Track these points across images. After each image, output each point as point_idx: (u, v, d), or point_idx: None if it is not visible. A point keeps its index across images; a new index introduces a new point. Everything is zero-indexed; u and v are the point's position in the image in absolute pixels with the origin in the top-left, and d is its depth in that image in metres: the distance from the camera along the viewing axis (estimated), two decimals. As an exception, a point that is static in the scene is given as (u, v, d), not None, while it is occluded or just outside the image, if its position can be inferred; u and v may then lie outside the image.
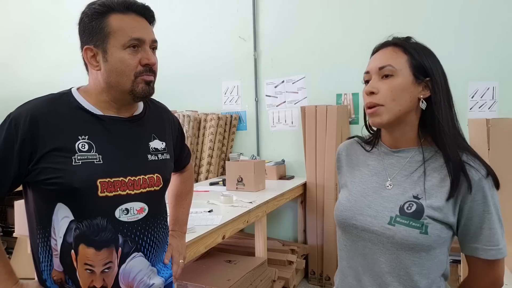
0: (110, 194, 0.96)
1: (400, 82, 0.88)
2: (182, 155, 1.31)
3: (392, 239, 0.88)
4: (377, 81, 0.91)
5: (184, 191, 1.39)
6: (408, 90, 0.89)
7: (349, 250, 0.98)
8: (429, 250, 0.87)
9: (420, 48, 0.92)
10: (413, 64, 0.89)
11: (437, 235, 0.86)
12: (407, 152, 0.95)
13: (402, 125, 0.93)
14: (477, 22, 2.96)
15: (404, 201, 0.90)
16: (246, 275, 2.53)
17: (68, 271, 0.97)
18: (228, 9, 3.92)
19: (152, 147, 1.09)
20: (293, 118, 3.70)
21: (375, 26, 3.23)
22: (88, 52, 0.99)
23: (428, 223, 0.86)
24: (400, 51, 0.90)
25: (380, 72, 0.90)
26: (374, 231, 0.91)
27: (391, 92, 0.88)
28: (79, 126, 0.97)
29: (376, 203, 0.93)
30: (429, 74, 0.89)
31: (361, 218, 0.94)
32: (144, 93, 1.00)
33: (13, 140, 0.91)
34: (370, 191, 0.96)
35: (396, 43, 0.92)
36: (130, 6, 0.98)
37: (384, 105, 0.89)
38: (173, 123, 1.24)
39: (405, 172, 0.93)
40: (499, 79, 2.92)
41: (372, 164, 1.00)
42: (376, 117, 0.91)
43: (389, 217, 0.89)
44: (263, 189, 3.03)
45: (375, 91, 0.90)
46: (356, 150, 1.07)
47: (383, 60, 0.91)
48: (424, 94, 0.90)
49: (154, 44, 1.02)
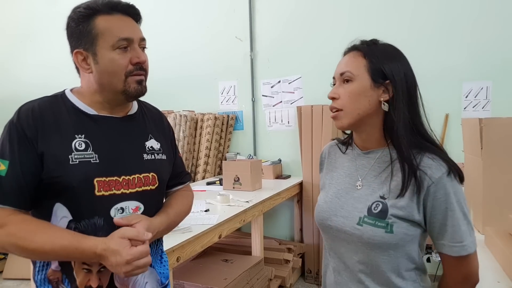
0: (106, 193, 0.96)
1: (357, 86, 0.91)
2: (176, 164, 1.23)
3: (361, 238, 0.91)
4: (338, 87, 0.95)
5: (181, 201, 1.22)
6: (367, 94, 0.91)
7: (330, 249, 1.03)
8: (396, 248, 0.89)
9: (381, 52, 0.93)
10: (371, 68, 0.91)
11: (403, 233, 0.88)
12: (376, 153, 0.97)
13: (366, 127, 0.96)
14: (470, 22, 2.99)
15: (372, 201, 0.92)
16: (243, 274, 2.54)
17: (65, 270, 0.98)
18: (224, 9, 3.93)
19: (148, 146, 1.08)
20: (290, 118, 3.72)
21: (370, 26, 3.25)
22: (79, 56, 0.99)
23: (393, 222, 0.88)
24: (359, 56, 0.94)
25: (341, 77, 0.95)
26: (346, 231, 0.94)
27: (349, 96, 0.92)
28: (75, 126, 0.97)
29: (348, 204, 0.97)
30: (388, 77, 0.91)
31: (335, 219, 0.97)
32: (137, 92, 1.01)
33: (26, 144, 0.92)
34: (343, 192, 1.00)
35: (357, 48, 0.96)
36: (115, 7, 0.98)
37: (343, 109, 0.93)
38: (169, 129, 1.23)
39: (374, 172, 0.96)
40: (493, 79, 2.96)
41: (347, 165, 1.03)
42: (337, 121, 0.96)
43: (358, 218, 0.92)
44: (260, 188, 3.05)
45: (336, 96, 0.94)
46: (335, 152, 1.10)
47: (343, 66, 0.95)
48: (384, 97, 0.92)
49: (142, 42, 1.02)
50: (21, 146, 0.92)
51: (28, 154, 0.92)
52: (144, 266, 0.91)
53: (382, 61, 0.91)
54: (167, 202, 1.19)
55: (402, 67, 0.92)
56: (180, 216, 1.19)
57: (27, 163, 0.91)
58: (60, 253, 0.89)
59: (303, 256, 3.44)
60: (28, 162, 0.91)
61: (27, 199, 0.93)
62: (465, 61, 3.01)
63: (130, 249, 0.89)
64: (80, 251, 0.88)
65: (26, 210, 0.94)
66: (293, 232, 3.71)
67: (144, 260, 0.91)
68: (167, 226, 1.10)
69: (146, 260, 0.91)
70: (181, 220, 1.20)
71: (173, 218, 1.13)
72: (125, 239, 0.90)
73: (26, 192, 0.92)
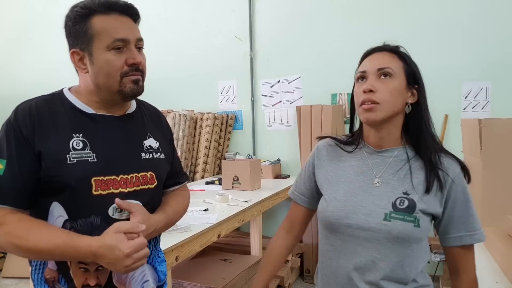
0: (103, 192, 0.96)
1: (397, 84, 0.95)
2: (174, 164, 1.23)
3: (389, 234, 0.93)
4: (375, 81, 0.95)
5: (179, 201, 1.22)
6: (402, 94, 0.96)
7: (339, 250, 1.00)
8: (419, 241, 0.96)
9: (410, 58, 0.99)
10: (407, 70, 0.97)
11: (426, 227, 0.95)
12: (391, 152, 1.00)
13: (389, 125, 0.99)
14: (470, 23, 2.99)
15: (395, 197, 0.95)
16: (242, 273, 2.54)
17: (61, 270, 0.98)
18: (224, 9, 3.93)
19: (147, 145, 1.08)
20: (289, 118, 3.72)
21: (370, 27, 3.25)
22: (75, 56, 0.98)
23: (419, 217, 0.93)
24: (396, 57, 0.97)
25: (378, 73, 0.95)
26: (370, 228, 0.95)
27: (389, 92, 0.94)
28: (73, 124, 0.97)
29: (368, 201, 0.97)
30: (417, 81, 0.98)
31: (355, 217, 0.97)
32: (133, 92, 1.00)
33: (22, 143, 0.91)
34: (359, 190, 1.00)
35: (392, 49, 0.99)
36: (112, 6, 0.96)
37: (381, 104, 0.93)
38: (168, 128, 1.23)
39: (391, 170, 0.99)
40: (492, 79, 2.96)
41: (356, 164, 1.04)
42: (371, 114, 0.94)
43: (383, 214, 0.94)
44: (259, 188, 3.04)
45: (374, 90, 0.94)
46: (336, 151, 1.10)
47: (382, 62, 0.96)
48: (412, 100, 0.98)
49: (139, 43, 1.00)
50: (18, 145, 0.91)
51: (26, 153, 0.91)
52: (143, 258, 0.91)
53: (413, 65, 0.98)
54: (164, 201, 1.18)
55: (421, 77, 1.00)
56: (177, 215, 1.19)
57: (25, 162, 0.91)
58: (55, 252, 0.89)
59: (301, 256, 3.44)
60: (25, 161, 0.91)
61: (24, 199, 0.93)
62: (465, 61, 3.01)
63: (128, 242, 0.88)
64: (75, 250, 0.88)
65: (24, 209, 0.94)
66: (292, 232, 3.70)
67: (143, 252, 0.91)
68: (165, 224, 1.10)
69: (145, 252, 0.91)
70: (178, 219, 1.20)
71: (171, 216, 1.14)
72: (120, 233, 0.89)
73: (24, 192, 0.92)
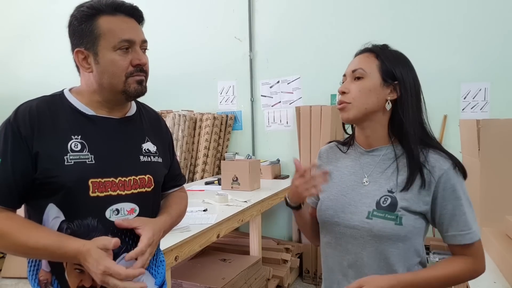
0: (101, 194, 0.96)
1: (368, 83, 0.98)
2: (173, 166, 1.24)
3: (371, 231, 0.96)
4: (350, 83, 1.01)
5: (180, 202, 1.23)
6: (376, 92, 0.98)
7: (334, 247, 1.05)
8: (405, 240, 0.95)
9: (393, 56, 1.01)
10: (382, 68, 0.99)
11: (411, 226, 0.94)
12: (380, 150, 1.03)
13: (371, 123, 1.01)
14: (468, 23, 3.00)
15: (380, 195, 0.98)
16: (241, 273, 2.54)
17: (55, 272, 0.97)
18: (224, 9, 3.93)
19: (145, 149, 1.08)
20: (288, 118, 3.73)
21: (369, 28, 3.26)
22: (79, 55, 0.99)
23: (402, 215, 0.94)
24: (372, 57, 1.01)
25: (352, 74, 1.01)
26: (355, 226, 0.98)
27: (359, 91, 0.98)
28: (72, 126, 0.97)
29: (356, 200, 1.01)
30: (397, 78, 0.98)
31: (343, 215, 1.01)
32: (137, 92, 1.01)
33: (19, 143, 0.92)
34: (349, 189, 1.04)
35: (370, 49, 1.03)
36: (119, 8, 0.98)
37: (352, 103, 0.99)
38: (167, 132, 1.23)
39: (379, 169, 1.02)
40: (491, 80, 2.96)
41: (350, 164, 1.08)
42: (344, 113, 1.01)
43: (367, 212, 0.97)
44: (258, 188, 3.05)
45: (346, 91, 1.00)
46: (335, 153, 1.14)
47: (356, 64, 1.01)
48: (391, 96, 0.99)
49: (144, 44, 1.03)
50: (15, 145, 0.92)
51: (21, 153, 0.92)
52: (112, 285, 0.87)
53: (393, 63, 0.99)
54: (166, 202, 1.19)
55: (411, 73, 1.00)
56: (180, 217, 1.20)
57: (19, 162, 0.92)
58: (43, 252, 0.89)
59: (301, 256, 3.44)
60: (20, 162, 0.92)
61: (14, 198, 0.93)
62: (464, 62, 3.02)
63: (108, 262, 0.87)
64: (62, 252, 0.89)
65: (13, 209, 0.94)
66: (291, 232, 3.71)
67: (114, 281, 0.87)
68: (170, 225, 1.12)
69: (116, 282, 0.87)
70: (180, 220, 1.21)
71: (175, 218, 1.16)
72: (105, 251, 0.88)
73: (15, 191, 0.92)
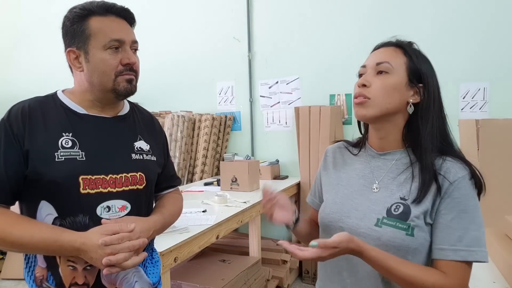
0: (92, 191, 0.97)
1: (394, 81, 0.89)
2: (168, 167, 1.25)
3: (379, 240, 0.86)
4: (372, 76, 0.91)
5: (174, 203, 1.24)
6: (400, 91, 0.89)
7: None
8: (415, 253, 0.85)
9: (420, 55, 0.93)
10: (410, 67, 0.90)
11: (423, 238, 0.85)
12: (393, 155, 0.94)
13: (387, 125, 0.93)
14: (468, 24, 3.00)
15: (392, 203, 0.89)
16: (240, 274, 2.54)
17: (51, 267, 0.98)
18: (222, 10, 3.93)
19: (137, 147, 1.10)
20: (287, 119, 3.73)
21: (368, 28, 3.26)
22: (71, 54, 1.01)
23: (414, 225, 0.84)
24: (400, 52, 0.91)
25: (376, 67, 0.91)
26: (361, 233, 0.89)
27: (383, 88, 0.89)
28: (63, 124, 0.99)
29: (363, 206, 0.93)
30: (423, 80, 0.90)
31: (348, 221, 0.93)
32: (126, 91, 1.03)
33: (11, 140, 0.94)
34: (357, 194, 0.96)
35: (398, 44, 0.93)
36: (110, 9, 1.01)
37: (372, 99, 0.89)
38: (161, 133, 1.24)
39: (391, 174, 0.93)
40: (490, 80, 2.97)
41: (359, 167, 1.00)
42: (361, 109, 0.91)
43: (376, 219, 0.89)
44: (257, 189, 3.04)
45: (367, 84, 0.90)
46: (343, 153, 1.07)
47: (382, 56, 0.91)
48: (414, 99, 0.90)
49: (134, 44, 1.04)
50: (7, 143, 0.94)
51: (13, 151, 0.93)
52: (126, 250, 0.90)
53: (420, 62, 0.91)
54: (160, 203, 1.20)
55: (435, 78, 0.93)
56: (173, 217, 1.21)
57: (11, 159, 0.93)
58: (39, 246, 0.90)
59: (300, 257, 3.44)
60: (12, 159, 0.93)
61: (7, 194, 0.94)
62: (463, 62, 3.02)
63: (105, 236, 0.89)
64: (59, 244, 0.89)
65: (6, 205, 0.96)
66: (290, 232, 3.69)
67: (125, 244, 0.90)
68: (162, 226, 1.11)
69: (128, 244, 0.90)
70: (174, 221, 1.22)
71: (168, 218, 1.15)
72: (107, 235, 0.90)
73: (7, 188, 0.94)
